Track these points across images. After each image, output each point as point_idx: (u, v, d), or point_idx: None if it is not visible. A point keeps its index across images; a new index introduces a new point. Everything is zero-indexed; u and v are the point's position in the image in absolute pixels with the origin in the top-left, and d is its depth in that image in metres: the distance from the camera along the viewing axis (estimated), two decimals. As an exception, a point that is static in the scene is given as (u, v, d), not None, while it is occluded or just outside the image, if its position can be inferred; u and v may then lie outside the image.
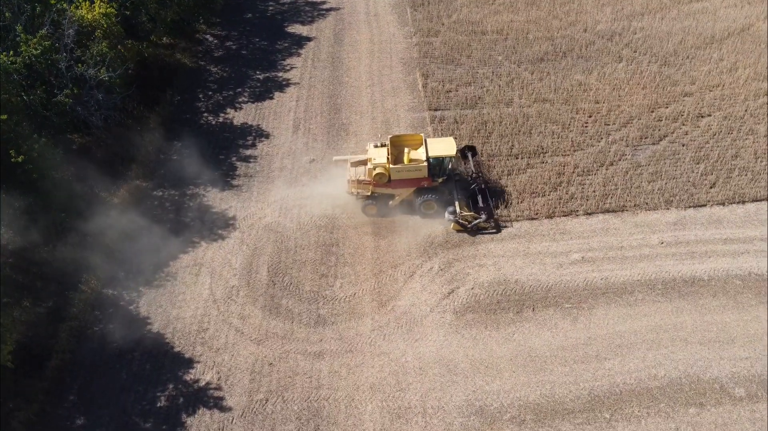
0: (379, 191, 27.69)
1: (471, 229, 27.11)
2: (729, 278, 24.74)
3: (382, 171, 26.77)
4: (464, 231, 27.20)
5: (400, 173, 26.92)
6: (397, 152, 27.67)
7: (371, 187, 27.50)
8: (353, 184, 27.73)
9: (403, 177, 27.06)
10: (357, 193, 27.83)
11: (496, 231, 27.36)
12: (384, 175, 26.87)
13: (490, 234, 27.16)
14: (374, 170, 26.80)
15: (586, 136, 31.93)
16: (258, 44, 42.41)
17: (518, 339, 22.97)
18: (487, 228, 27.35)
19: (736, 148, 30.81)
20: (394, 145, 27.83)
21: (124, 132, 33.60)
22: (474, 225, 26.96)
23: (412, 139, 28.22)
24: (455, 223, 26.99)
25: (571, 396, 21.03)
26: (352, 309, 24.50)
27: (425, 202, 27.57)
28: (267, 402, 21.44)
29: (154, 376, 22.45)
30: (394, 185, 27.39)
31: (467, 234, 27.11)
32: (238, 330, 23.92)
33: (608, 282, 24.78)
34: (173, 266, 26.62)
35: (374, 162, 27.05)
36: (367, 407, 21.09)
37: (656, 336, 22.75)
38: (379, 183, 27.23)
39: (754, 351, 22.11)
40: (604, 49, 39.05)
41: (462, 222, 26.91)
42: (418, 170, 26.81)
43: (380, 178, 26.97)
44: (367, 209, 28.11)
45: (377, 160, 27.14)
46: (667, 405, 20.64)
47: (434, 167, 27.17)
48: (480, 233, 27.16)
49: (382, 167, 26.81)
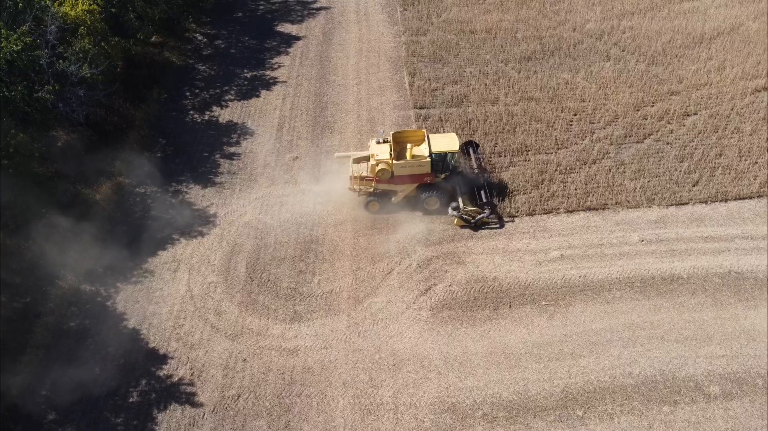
0: (382, 188, 27.46)
1: (474, 225, 26.96)
2: (708, 276, 24.55)
3: (385, 167, 26.55)
4: (468, 227, 27.05)
5: (403, 169, 26.72)
6: (399, 148, 27.47)
7: (374, 184, 27.31)
8: (355, 181, 27.49)
9: (406, 173, 26.87)
10: (359, 189, 27.65)
11: (500, 226, 27.19)
12: (387, 171, 26.65)
13: (492, 229, 27.09)
14: (377, 166, 26.60)
15: (571, 135, 31.80)
16: (247, 43, 42.43)
17: (493, 336, 22.82)
18: (490, 223, 27.20)
19: (721, 146, 30.63)
20: (397, 141, 27.63)
21: (109, 129, 33.68)
22: (477, 220, 26.82)
23: (414, 135, 28.01)
24: (459, 219, 26.85)
25: (544, 394, 20.87)
26: (329, 305, 24.40)
27: (428, 198, 27.39)
28: (239, 398, 21.35)
29: (127, 372, 22.38)
30: (396, 181, 27.16)
31: (470, 230, 26.99)
32: (214, 326, 23.85)
33: (586, 279, 24.63)
34: (152, 262, 26.58)
35: (377, 158, 26.81)
36: (339, 403, 20.98)
37: (633, 333, 22.57)
38: (381, 179, 26.98)
39: (731, 349, 21.91)
40: (593, 48, 38.94)
41: (465, 218, 26.77)
42: (421, 166, 26.64)
43: (383, 174, 26.72)
44: (370, 206, 27.88)
45: (380, 156, 26.88)
46: (640, 403, 20.45)
47: (437, 163, 26.98)
48: (483, 228, 27.06)
49: (385, 163, 26.59)
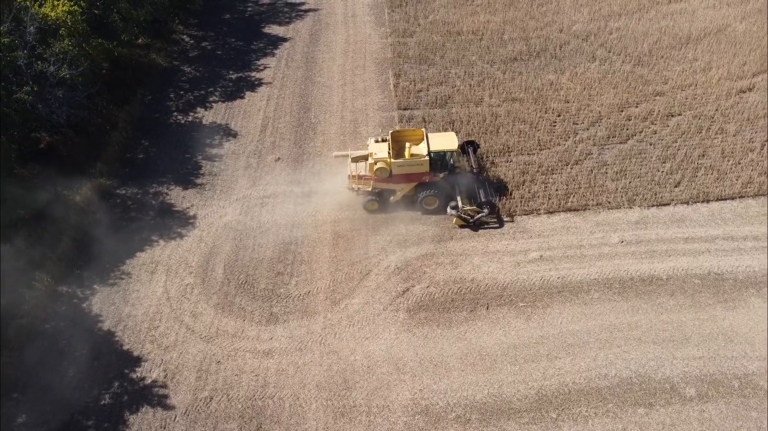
0: (380, 186, 27.34)
1: (473, 224, 26.81)
2: (688, 277, 24.36)
3: (384, 166, 26.43)
4: (467, 226, 26.91)
5: (402, 168, 26.61)
6: (398, 147, 27.36)
7: (372, 183, 27.16)
8: (354, 180, 27.38)
9: (405, 172, 26.76)
10: (358, 188, 27.52)
11: (499, 225, 27.04)
12: (385, 170, 26.53)
13: (492, 229, 26.98)
14: (375, 165, 26.48)
15: (554, 135, 31.65)
16: (234, 44, 42.37)
17: (470, 337, 22.64)
18: (489, 222, 27.06)
19: (704, 147, 30.47)
20: (395, 139, 27.52)
21: (92, 130, 33.58)
22: (476, 219, 26.68)
23: (413, 134, 27.91)
24: (457, 218, 26.72)
25: (518, 396, 20.68)
26: (306, 307, 24.23)
27: (427, 198, 27.25)
28: (211, 400, 21.17)
29: (100, 374, 22.20)
30: (395, 180, 27.04)
31: (469, 229, 26.86)
32: (189, 328, 23.68)
33: (565, 281, 24.45)
34: (130, 264, 26.43)
35: (375, 157, 26.70)
36: (312, 405, 20.79)
37: (610, 335, 22.38)
38: (380, 178, 26.86)
39: (708, 350, 21.71)
40: (579, 49, 38.83)
41: (464, 217, 26.64)
42: (419, 165, 26.51)
43: (381, 173, 26.60)
44: (369, 205, 27.75)
45: (378, 154, 26.77)
46: (615, 405, 20.25)
47: (436, 162, 26.87)
48: (483, 227, 26.94)
49: (384, 162, 26.47)
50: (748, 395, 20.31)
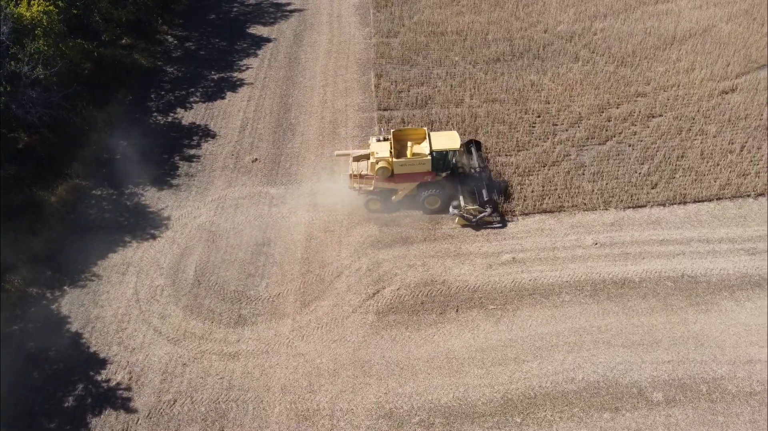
0: (382, 186, 27.08)
1: (476, 223, 26.61)
2: (661, 280, 24.12)
3: (385, 165, 26.20)
4: (469, 226, 26.70)
5: (404, 167, 26.37)
6: (399, 146, 27.13)
7: (373, 182, 26.94)
8: (355, 179, 27.13)
9: (407, 171, 26.52)
10: (359, 188, 27.28)
11: (502, 225, 26.83)
12: (387, 170, 26.30)
13: (495, 229, 26.77)
14: (377, 164, 26.26)
15: (532, 137, 31.43)
16: (217, 45, 42.23)
17: (438, 340, 22.43)
18: (492, 222, 26.86)
19: (683, 148, 30.22)
20: (397, 139, 27.30)
21: (71, 131, 33.47)
22: (479, 219, 26.47)
23: (415, 133, 27.68)
24: (460, 217, 26.52)
25: (483, 399, 20.46)
26: (275, 309, 24.05)
27: (429, 197, 27.03)
28: (175, 403, 20.99)
29: (65, 376, 22.03)
30: (397, 180, 26.80)
31: (471, 229, 26.67)
32: (157, 329, 23.51)
33: (536, 283, 24.23)
34: (101, 265, 26.27)
35: (377, 156, 26.47)
36: (275, 409, 20.60)
37: (579, 338, 22.15)
38: (381, 177, 26.63)
39: (678, 354, 21.46)
40: (562, 49, 38.59)
41: (467, 217, 26.43)
42: (421, 164, 26.28)
43: (383, 173, 26.37)
44: (370, 204, 27.49)
45: (380, 154, 26.54)
46: (581, 410, 20.02)
47: (438, 161, 26.63)
48: (485, 227, 26.74)
49: (385, 161, 26.24)
50: (715, 400, 20.06)
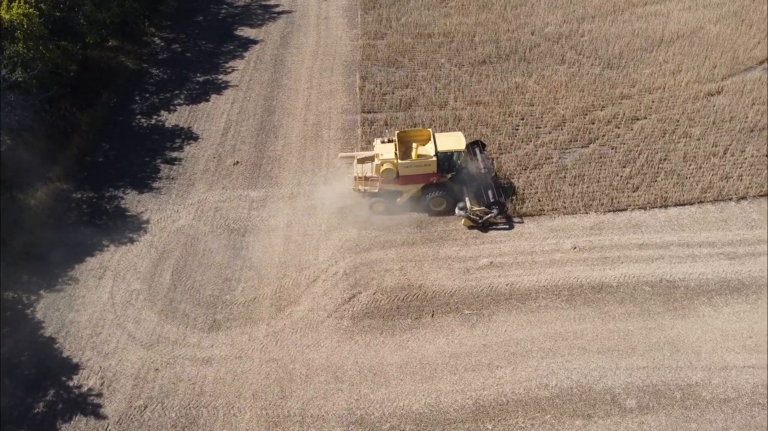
0: (387, 188, 26.88)
1: (482, 225, 26.45)
2: (638, 285, 23.92)
3: (390, 167, 26.04)
4: (475, 227, 26.53)
5: (409, 169, 26.19)
6: (404, 148, 26.93)
7: (378, 184, 26.76)
8: (360, 181, 26.97)
9: (412, 173, 26.33)
10: (364, 190, 27.12)
11: (508, 226, 26.65)
12: (392, 171, 26.12)
13: (502, 230, 26.62)
14: (382, 166, 26.09)
15: (515, 139, 31.25)
16: (204, 47, 42.11)
17: (412, 346, 22.27)
18: (498, 223, 26.70)
19: (667, 151, 30.01)
20: (402, 140, 27.10)
21: (53, 133, 33.35)
22: (485, 220, 26.32)
23: (420, 135, 27.50)
24: (466, 219, 26.37)
25: (455, 406, 20.29)
26: (250, 314, 23.90)
27: (434, 199, 26.85)
28: (146, 408, 20.85)
29: (37, 381, 21.91)
30: (402, 181, 26.60)
31: (479, 230, 26.50)
32: (131, 334, 23.38)
33: (513, 288, 24.05)
34: (78, 269, 26.15)
35: (382, 158, 26.29)
36: (246, 415, 20.46)
37: (554, 344, 21.97)
38: (386, 179, 26.44)
39: (653, 360, 21.27)
40: (548, 51, 38.40)
41: (473, 218, 26.29)
42: (427, 165, 26.11)
43: (388, 174, 26.19)
44: (375, 206, 27.29)
45: (385, 155, 26.39)
46: (553, 417, 19.84)
47: (443, 162, 26.45)
48: (492, 228, 26.59)
49: (390, 163, 26.07)
50: (689, 406, 19.87)
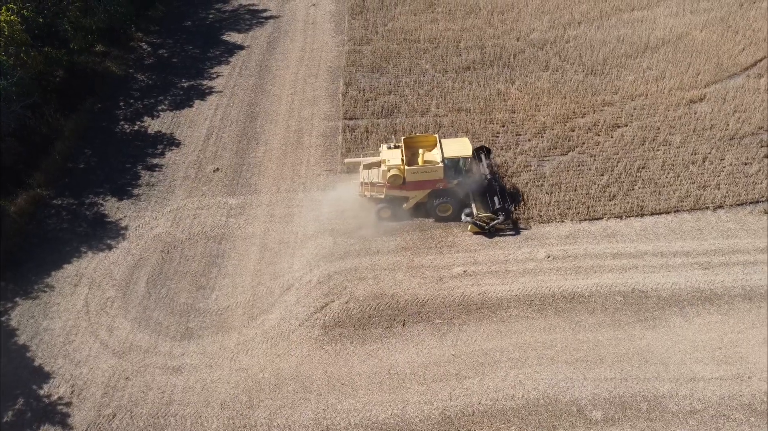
0: (393, 194, 26.94)
1: (489, 231, 26.50)
2: (611, 294, 23.91)
3: (397, 173, 26.11)
4: (482, 233, 26.59)
5: (416, 175, 26.25)
6: (411, 154, 27.02)
7: (385, 190, 26.83)
8: (366, 187, 27.05)
9: (419, 179, 26.38)
10: (370, 196, 27.18)
11: (515, 233, 26.69)
12: (398, 177, 26.20)
13: (509, 236, 26.67)
14: (388, 172, 26.18)
15: (495, 146, 31.25)
16: (190, 52, 42.22)
17: (381, 355, 22.29)
18: (505, 229, 26.73)
19: (646, 159, 29.98)
20: (408, 146, 27.21)
21: (36, 139, 33.52)
22: (492, 226, 26.36)
23: (426, 140, 27.59)
24: (472, 225, 26.42)
25: (421, 416, 20.30)
26: (222, 322, 23.96)
27: (441, 204, 26.94)
28: (114, 417, 20.93)
29: (7, 390, 22.00)
30: (408, 187, 26.66)
31: (485, 236, 26.55)
32: (103, 342, 23.47)
33: (485, 297, 24.05)
34: (55, 276, 26.27)
35: (388, 164, 26.38)
36: (213, 425, 20.51)
37: (523, 354, 21.97)
38: (393, 185, 26.53)
39: (621, 371, 21.24)
40: (533, 57, 38.39)
41: (479, 224, 26.33)
42: (433, 171, 26.17)
43: (395, 180, 26.28)
44: (381, 212, 27.34)
45: (391, 161, 26.47)
46: (518, 428, 19.83)
47: (449, 168, 26.57)
48: (497, 234, 26.61)
49: (397, 169, 26.15)
50: (654, 418, 19.84)
